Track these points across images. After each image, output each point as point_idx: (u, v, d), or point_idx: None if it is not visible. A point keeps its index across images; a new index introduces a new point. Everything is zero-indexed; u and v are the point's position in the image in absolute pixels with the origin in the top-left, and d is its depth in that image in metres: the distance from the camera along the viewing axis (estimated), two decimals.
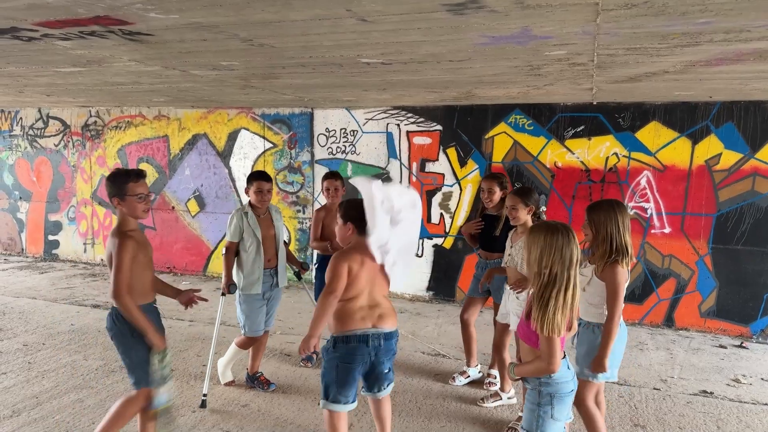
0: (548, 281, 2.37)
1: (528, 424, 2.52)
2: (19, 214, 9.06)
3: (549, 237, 2.38)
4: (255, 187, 4.13)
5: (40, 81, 5.15)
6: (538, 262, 2.39)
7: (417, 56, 3.40)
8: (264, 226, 4.18)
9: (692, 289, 5.88)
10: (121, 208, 3.03)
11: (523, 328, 2.54)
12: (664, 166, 5.84)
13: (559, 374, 2.44)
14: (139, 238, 3.04)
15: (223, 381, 4.38)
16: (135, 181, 3.02)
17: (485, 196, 4.29)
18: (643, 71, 3.89)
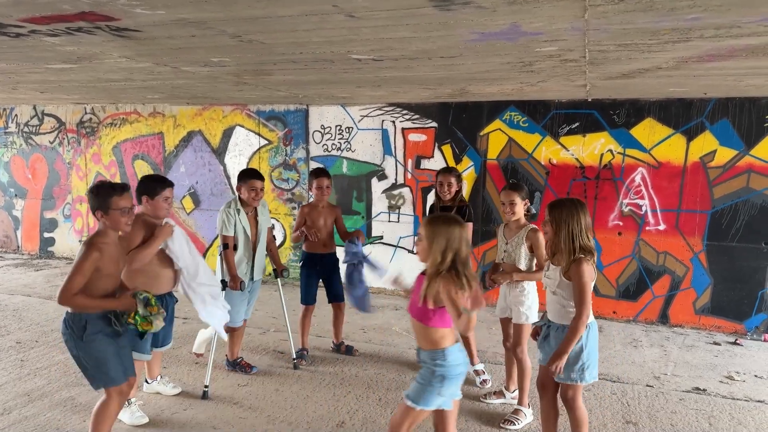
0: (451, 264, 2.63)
1: (415, 394, 2.71)
2: (15, 211, 9.04)
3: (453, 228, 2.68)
4: (248, 185, 4.21)
5: (33, 78, 5.13)
6: (443, 251, 2.65)
7: (408, 53, 3.39)
8: (252, 224, 4.32)
9: (687, 286, 5.88)
10: (104, 221, 3.02)
11: (417, 309, 2.72)
12: (659, 163, 5.83)
13: (453, 357, 2.69)
14: (111, 252, 3.01)
15: (195, 350, 4.62)
16: (119, 194, 3.02)
17: (444, 189, 4.44)
18: (636, 67, 3.88)
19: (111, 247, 3.03)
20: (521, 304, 3.79)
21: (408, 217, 6.85)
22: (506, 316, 3.95)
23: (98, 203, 3.00)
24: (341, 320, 5.01)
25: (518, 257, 3.79)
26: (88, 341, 2.97)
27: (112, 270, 3.04)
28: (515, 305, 3.81)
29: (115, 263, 3.05)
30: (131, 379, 3.14)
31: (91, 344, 2.98)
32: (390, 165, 6.86)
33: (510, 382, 4.13)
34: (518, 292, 3.81)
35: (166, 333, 3.78)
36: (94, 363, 3.01)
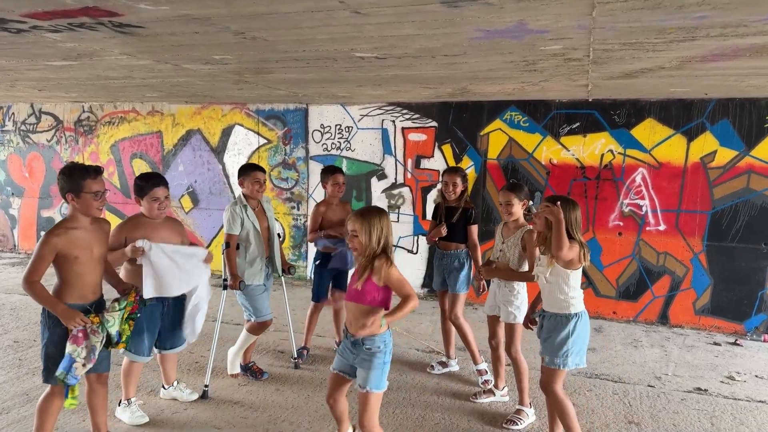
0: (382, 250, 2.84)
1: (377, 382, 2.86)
2: (12, 210, 8.99)
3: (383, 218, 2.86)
4: (252, 178, 4.18)
5: (32, 75, 5.09)
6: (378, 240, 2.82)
7: (411, 50, 3.37)
8: (260, 219, 4.27)
9: (687, 286, 5.88)
10: (74, 204, 2.95)
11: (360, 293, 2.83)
12: (660, 163, 5.83)
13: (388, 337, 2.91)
14: (80, 237, 2.96)
15: (231, 371, 4.43)
16: (93, 177, 2.95)
17: (449, 189, 4.42)
18: (639, 67, 3.88)
19: (80, 232, 2.96)
20: (510, 304, 3.79)
21: (408, 217, 6.83)
22: (494, 314, 3.95)
23: (70, 185, 2.91)
24: (341, 317, 4.99)
25: (512, 257, 3.78)
26: (54, 331, 2.95)
27: (84, 255, 2.96)
28: (504, 304, 3.81)
29: (86, 248, 2.97)
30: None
31: (55, 335, 2.95)
32: (390, 164, 6.85)
33: (498, 380, 4.13)
34: (507, 291, 3.81)
35: (176, 335, 3.74)
36: (49, 354, 2.97)
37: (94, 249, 3.03)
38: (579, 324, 3.18)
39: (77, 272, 2.96)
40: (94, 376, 3.17)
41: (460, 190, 4.42)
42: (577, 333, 3.17)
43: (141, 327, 3.49)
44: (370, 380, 2.85)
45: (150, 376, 4.30)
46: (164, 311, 3.62)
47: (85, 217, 3.00)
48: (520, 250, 3.74)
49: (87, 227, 3.02)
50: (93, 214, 3.02)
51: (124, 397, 3.70)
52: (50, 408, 3.04)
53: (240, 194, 4.28)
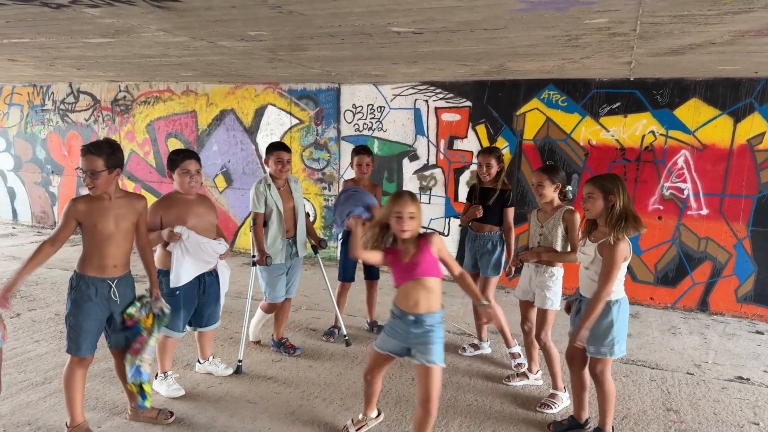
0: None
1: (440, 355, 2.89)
2: (51, 187, 9.22)
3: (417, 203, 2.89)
4: (275, 157, 4.19)
5: (71, 53, 5.16)
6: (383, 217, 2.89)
7: (450, 24, 3.28)
8: (284, 198, 4.25)
9: (729, 273, 5.69)
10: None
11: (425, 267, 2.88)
12: (704, 145, 5.61)
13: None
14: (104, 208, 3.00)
15: (251, 339, 4.59)
16: (82, 154, 2.97)
17: (483, 171, 4.32)
18: (688, 42, 3.71)
19: (103, 203, 3.02)
20: (548, 289, 3.69)
21: (439, 199, 6.76)
22: (527, 299, 3.86)
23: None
24: (374, 298, 4.99)
25: (554, 239, 3.69)
26: (75, 301, 3.03)
27: (105, 227, 3.00)
28: (541, 289, 3.71)
29: (107, 221, 3.01)
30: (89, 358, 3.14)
31: (76, 306, 3.03)
32: (422, 145, 6.77)
33: (533, 364, 4.07)
34: (546, 276, 3.71)
35: (211, 312, 3.80)
36: (70, 326, 3.06)
37: (119, 222, 3.06)
38: (620, 310, 3.10)
39: (95, 242, 3.01)
40: (117, 350, 3.25)
41: (495, 171, 4.31)
42: (621, 320, 3.09)
43: (178, 303, 3.55)
44: (436, 353, 2.89)
45: (186, 350, 4.38)
46: (201, 289, 3.67)
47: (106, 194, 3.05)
48: (562, 231, 3.65)
49: (112, 200, 3.06)
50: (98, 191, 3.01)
51: (160, 370, 3.77)
52: (73, 377, 3.11)
53: (267, 173, 4.29)
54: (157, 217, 3.49)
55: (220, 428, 3.37)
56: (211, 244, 3.63)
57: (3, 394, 3.69)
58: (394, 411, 3.65)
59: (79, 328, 3.03)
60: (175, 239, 3.43)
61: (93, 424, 3.35)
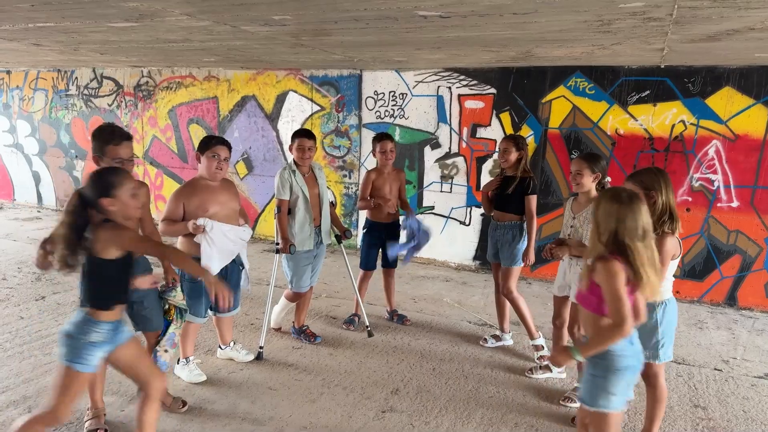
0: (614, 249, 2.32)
1: (583, 393, 2.46)
2: (75, 172, 9.33)
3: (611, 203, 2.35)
4: (297, 144, 4.16)
5: (95, 38, 5.16)
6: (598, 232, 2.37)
7: (479, 8, 3.19)
8: (309, 185, 4.21)
9: (759, 267, 5.53)
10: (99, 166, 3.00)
11: (581, 294, 2.46)
12: (736, 136, 5.44)
13: (616, 346, 2.34)
14: None
15: (272, 325, 4.61)
16: (116, 143, 2.96)
17: (501, 156, 4.25)
18: (726, 28, 3.56)
19: None
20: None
21: (461, 188, 6.68)
22: (564, 294, 3.74)
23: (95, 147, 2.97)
24: (392, 286, 4.96)
25: (586, 233, 3.57)
26: None
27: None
28: (576, 283, 3.61)
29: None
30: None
31: None
32: (444, 133, 6.68)
33: None
34: (580, 269, 3.60)
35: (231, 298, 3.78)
36: None
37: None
38: (666, 312, 2.92)
39: None
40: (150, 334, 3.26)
41: (515, 157, 4.20)
42: (667, 322, 2.92)
43: (200, 290, 3.55)
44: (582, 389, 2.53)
45: (207, 336, 4.40)
46: (223, 275, 3.66)
47: None
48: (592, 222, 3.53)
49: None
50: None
51: (182, 356, 3.78)
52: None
53: (291, 160, 4.25)
54: (179, 205, 3.47)
55: (241, 415, 3.38)
56: (236, 230, 3.61)
57: (28, 375, 3.74)
58: (415, 401, 3.62)
59: None
60: (199, 232, 3.41)
61: (116, 408, 3.38)
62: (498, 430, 3.34)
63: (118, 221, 2.45)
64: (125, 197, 2.45)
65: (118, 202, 2.44)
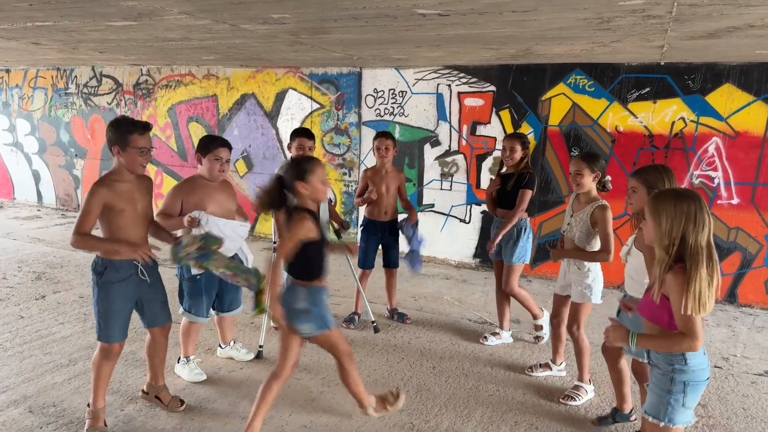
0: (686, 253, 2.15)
1: (654, 410, 2.31)
2: (75, 170, 9.32)
3: (680, 204, 2.16)
4: (297, 143, 4.17)
5: (94, 36, 5.15)
6: (668, 233, 2.16)
7: (478, 6, 3.18)
8: None
9: (759, 264, 5.53)
10: (119, 158, 2.97)
11: (650, 307, 2.30)
12: (736, 132, 5.44)
13: (695, 360, 2.23)
14: (124, 190, 2.97)
15: (272, 324, 4.51)
16: (140, 132, 2.96)
17: (506, 155, 4.28)
18: (726, 25, 3.55)
19: (125, 185, 2.98)
20: (581, 283, 3.58)
21: (461, 186, 6.67)
22: (566, 294, 3.73)
23: (116, 138, 2.93)
24: (393, 285, 4.96)
25: (579, 233, 3.54)
26: (102, 287, 2.98)
27: (129, 209, 2.98)
28: (576, 283, 3.60)
29: (130, 202, 2.99)
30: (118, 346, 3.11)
31: (103, 291, 2.99)
32: (444, 131, 6.67)
33: (557, 356, 3.99)
34: (578, 269, 3.58)
35: (233, 297, 3.79)
36: (101, 312, 3.02)
37: (138, 204, 3.05)
38: None
39: (120, 226, 2.98)
40: (157, 329, 3.27)
41: (519, 156, 4.25)
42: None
43: (200, 289, 3.55)
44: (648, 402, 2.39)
45: (208, 335, 4.40)
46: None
47: (129, 173, 3.02)
48: (588, 227, 3.50)
49: (132, 181, 3.04)
50: (137, 171, 3.03)
51: (183, 354, 3.79)
52: (102, 366, 3.10)
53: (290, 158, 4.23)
54: (177, 201, 3.47)
55: (241, 414, 3.38)
56: (232, 224, 3.59)
57: (29, 375, 3.75)
58: (415, 400, 3.63)
59: (110, 314, 3.02)
60: (194, 225, 3.41)
61: (116, 407, 3.38)
62: (498, 428, 3.34)
63: (306, 203, 2.88)
64: (316, 182, 2.85)
65: (310, 186, 2.85)
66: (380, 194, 4.61)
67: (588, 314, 3.67)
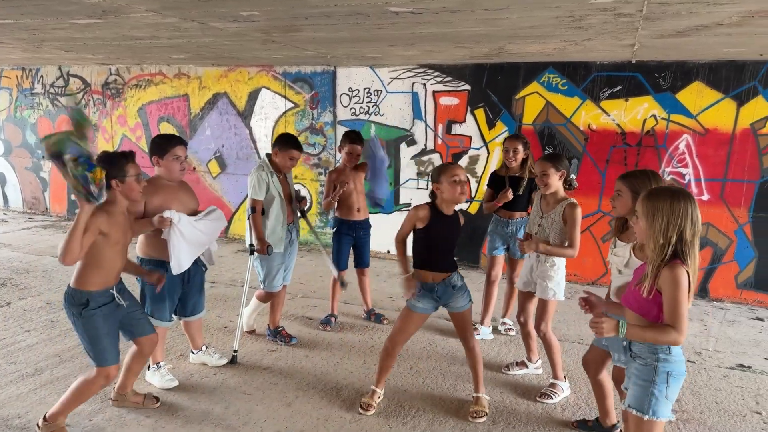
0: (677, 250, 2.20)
1: (638, 403, 2.32)
2: (42, 173, 9.08)
3: (677, 204, 2.20)
4: (288, 154, 4.08)
5: (58, 35, 5.00)
6: (664, 232, 2.19)
7: (450, 4, 3.16)
8: (283, 185, 4.16)
9: (729, 259, 5.63)
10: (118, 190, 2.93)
11: (638, 301, 2.32)
12: (706, 130, 5.52)
13: (677, 350, 2.28)
14: (120, 221, 2.95)
15: (245, 328, 4.49)
16: (133, 161, 2.98)
17: (509, 156, 4.37)
18: (695, 23, 3.59)
19: (120, 217, 2.96)
20: (549, 279, 3.59)
21: None
22: (529, 290, 3.76)
23: (114, 172, 2.88)
24: (367, 285, 4.93)
25: (553, 235, 3.55)
26: (87, 317, 2.90)
27: (120, 239, 2.94)
28: (542, 279, 3.61)
29: (123, 233, 2.96)
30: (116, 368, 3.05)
31: (89, 320, 2.90)
32: (420, 130, 6.65)
33: (531, 354, 4.01)
34: (548, 266, 3.61)
35: (195, 302, 3.72)
36: (89, 340, 2.94)
37: (127, 235, 3.04)
38: None
39: (110, 256, 2.93)
40: (143, 338, 3.18)
41: (521, 157, 4.37)
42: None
43: (162, 292, 3.46)
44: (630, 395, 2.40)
45: (179, 340, 4.30)
46: (185, 277, 3.57)
47: (125, 203, 3.01)
48: (561, 226, 3.52)
49: (124, 212, 3.03)
50: (136, 198, 3.04)
51: (152, 361, 3.69)
52: (90, 389, 3.02)
53: (265, 159, 4.15)
54: (140, 204, 3.39)
55: (214, 421, 3.30)
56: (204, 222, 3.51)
57: None
58: (392, 402, 3.59)
59: (100, 338, 2.94)
60: (166, 225, 3.32)
61: (84, 417, 3.28)
62: (476, 428, 3.33)
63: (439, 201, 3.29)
64: (446, 184, 3.20)
65: (443, 186, 3.22)
66: (349, 192, 4.56)
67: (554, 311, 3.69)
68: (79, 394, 3.01)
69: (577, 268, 5.92)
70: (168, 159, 3.42)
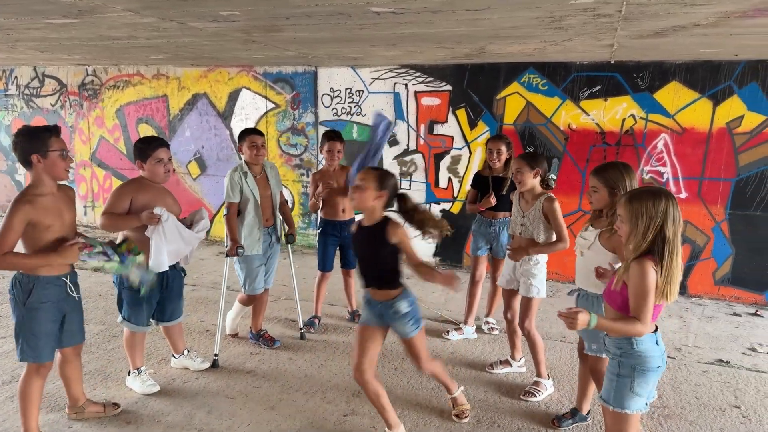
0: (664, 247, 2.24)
1: (606, 394, 2.42)
2: (17, 176, 8.89)
3: (658, 204, 2.26)
4: (248, 142, 4.08)
5: (33, 35, 4.90)
6: (644, 234, 2.25)
7: (431, 4, 3.15)
8: (261, 186, 4.10)
9: (707, 255, 5.73)
10: (40, 166, 2.77)
11: (613, 294, 2.39)
12: (683, 129, 5.61)
13: (644, 346, 2.31)
14: (48, 203, 2.79)
15: (228, 332, 4.48)
16: (57, 135, 2.81)
17: (493, 157, 4.37)
18: (672, 24, 3.64)
19: (48, 199, 2.80)
20: (533, 277, 3.63)
21: (420, 185, 6.67)
22: (511, 287, 3.80)
23: (34, 146, 2.73)
24: (352, 286, 4.91)
25: (537, 231, 3.59)
26: (30, 308, 2.80)
27: (55, 222, 2.80)
28: (526, 277, 3.64)
29: (55, 215, 2.81)
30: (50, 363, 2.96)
31: (32, 313, 2.81)
32: (402, 130, 6.65)
33: (515, 352, 4.04)
34: (531, 264, 3.64)
35: (174, 307, 3.67)
36: (27, 333, 2.84)
37: (65, 216, 2.88)
38: None
39: (46, 239, 2.79)
40: (69, 348, 3.09)
41: (505, 158, 4.37)
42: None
43: (140, 298, 3.40)
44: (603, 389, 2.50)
45: (160, 344, 4.24)
46: (163, 282, 3.52)
47: (52, 182, 2.84)
48: (543, 221, 3.56)
49: (55, 193, 2.86)
50: (61, 176, 2.85)
51: (132, 367, 3.63)
52: (31, 388, 2.93)
53: (242, 161, 4.13)
54: (126, 200, 3.32)
55: (197, 426, 3.26)
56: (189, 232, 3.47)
57: None
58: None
59: (39, 336, 2.84)
60: (154, 222, 3.26)
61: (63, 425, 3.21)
62: (460, 427, 3.33)
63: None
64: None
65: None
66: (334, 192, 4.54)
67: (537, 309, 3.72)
68: (28, 399, 2.92)
69: (559, 267, 5.97)
70: (151, 163, 3.38)
